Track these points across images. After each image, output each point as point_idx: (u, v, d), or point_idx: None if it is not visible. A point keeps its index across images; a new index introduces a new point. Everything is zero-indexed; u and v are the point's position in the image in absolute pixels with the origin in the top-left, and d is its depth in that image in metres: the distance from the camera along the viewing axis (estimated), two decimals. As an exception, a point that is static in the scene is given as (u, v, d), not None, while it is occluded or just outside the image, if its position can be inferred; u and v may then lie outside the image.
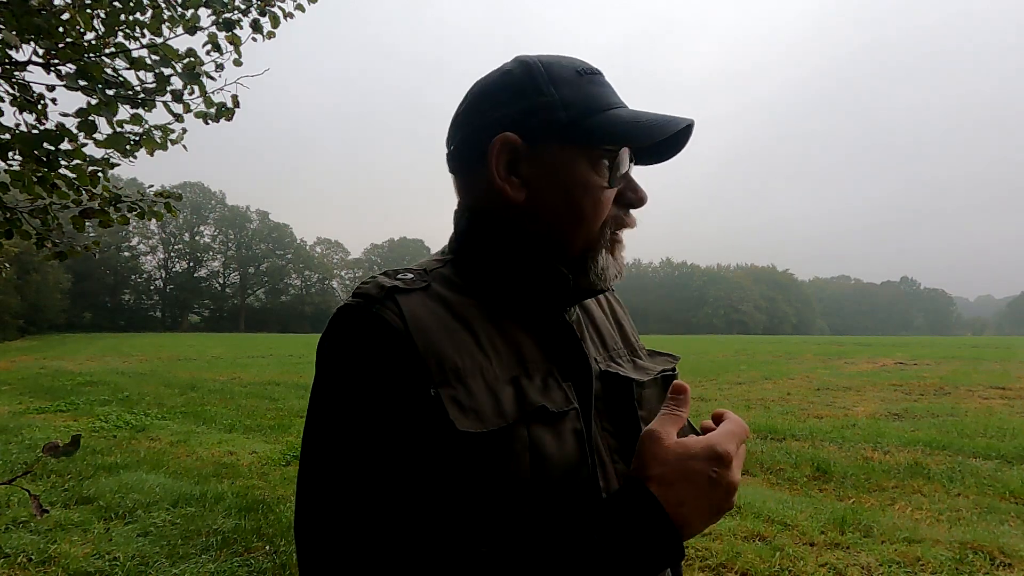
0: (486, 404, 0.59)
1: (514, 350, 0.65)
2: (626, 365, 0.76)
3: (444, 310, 0.64)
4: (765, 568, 3.07)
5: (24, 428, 6.64)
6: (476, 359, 0.62)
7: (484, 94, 0.70)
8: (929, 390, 10.27)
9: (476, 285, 0.69)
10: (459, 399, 0.58)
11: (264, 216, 73.29)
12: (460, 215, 0.74)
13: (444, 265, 0.71)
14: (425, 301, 0.64)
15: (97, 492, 4.21)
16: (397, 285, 0.64)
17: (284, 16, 2.78)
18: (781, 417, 7.61)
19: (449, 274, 0.69)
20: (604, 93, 0.69)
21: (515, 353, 0.65)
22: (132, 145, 2.40)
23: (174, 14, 2.50)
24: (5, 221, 2.40)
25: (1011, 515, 3.89)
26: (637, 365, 0.78)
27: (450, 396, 0.58)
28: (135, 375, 12.74)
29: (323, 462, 0.59)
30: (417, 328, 0.60)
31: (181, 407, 8.46)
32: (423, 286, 0.65)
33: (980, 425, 6.83)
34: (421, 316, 0.62)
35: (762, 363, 16.68)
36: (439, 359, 0.60)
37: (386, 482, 0.56)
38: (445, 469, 0.57)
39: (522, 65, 0.69)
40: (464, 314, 0.65)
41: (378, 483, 0.56)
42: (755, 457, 5.45)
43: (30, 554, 3.18)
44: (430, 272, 0.68)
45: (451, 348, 0.61)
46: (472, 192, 0.72)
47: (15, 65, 2.18)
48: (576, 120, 0.66)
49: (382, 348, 0.59)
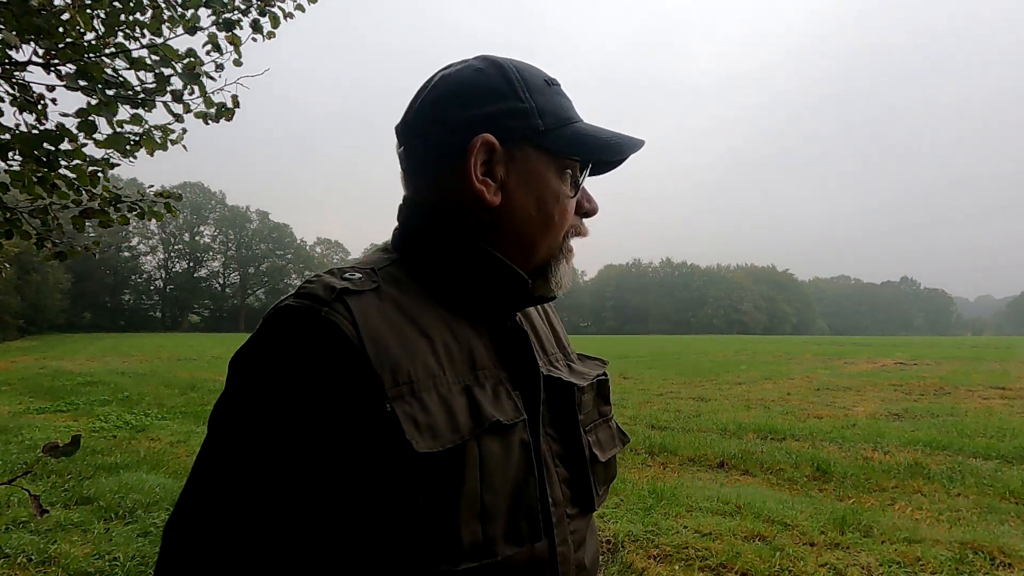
0: (440, 419, 0.56)
1: (467, 356, 0.63)
2: (564, 369, 0.77)
3: (397, 314, 0.60)
4: (765, 568, 3.07)
5: (24, 428, 6.64)
6: (430, 368, 0.59)
7: (457, 91, 0.67)
8: (929, 390, 10.26)
9: (429, 286, 0.66)
10: (415, 416, 0.55)
11: (264, 216, 73.30)
12: (413, 211, 0.70)
13: (392, 263, 0.67)
14: (377, 304, 0.60)
15: (97, 492, 4.20)
16: (347, 286, 0.58)
17: (284, 16, 2.78)
18: (781, 417, 7.61)
19: (398, 273, 0.66)
20: (569, 105, 0.72)
21: (468, 359, 0.63)
22: (132, 145, 2.40)
23: (174, 14, 2.50)
24: (5, 221, 2.40)
25: (1011, 515, 3.89)
26: (573, 370, 0.79)
27: (406, 413, 0.54)
28: (135, 375, 12.73)
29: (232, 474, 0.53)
30: (370, 335, 0.56)
31: (181, 407, 8.45)
32: (373, 287, 0.61)
33: (980, 425, 6.83)
34: (374, 321, 0.57)
35: (762, 363, 16.68)
36: (393, 371, 0.56)
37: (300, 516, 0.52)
38: (390, 491, 0.53)
39: (495, 67, 0.69)
40: (417, 318, 0.62)
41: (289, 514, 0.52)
42: (755, 457, 5.45)
43: (30, 554, 3.18)
44: (379, 271, 0.64)
45: (405, 357, 0.57)
46: (437, 190, 0.68)
47: (15, 65, 2.18)
48: (551, 129, 0.68)
49: (331, 358, 0.54)
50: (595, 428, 0.78)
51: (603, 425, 0.80)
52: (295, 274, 73.93)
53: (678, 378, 12.68)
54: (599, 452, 0.76)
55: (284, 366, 0.54)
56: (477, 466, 0.57)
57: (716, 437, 6.38)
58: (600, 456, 0.76)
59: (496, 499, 0.58)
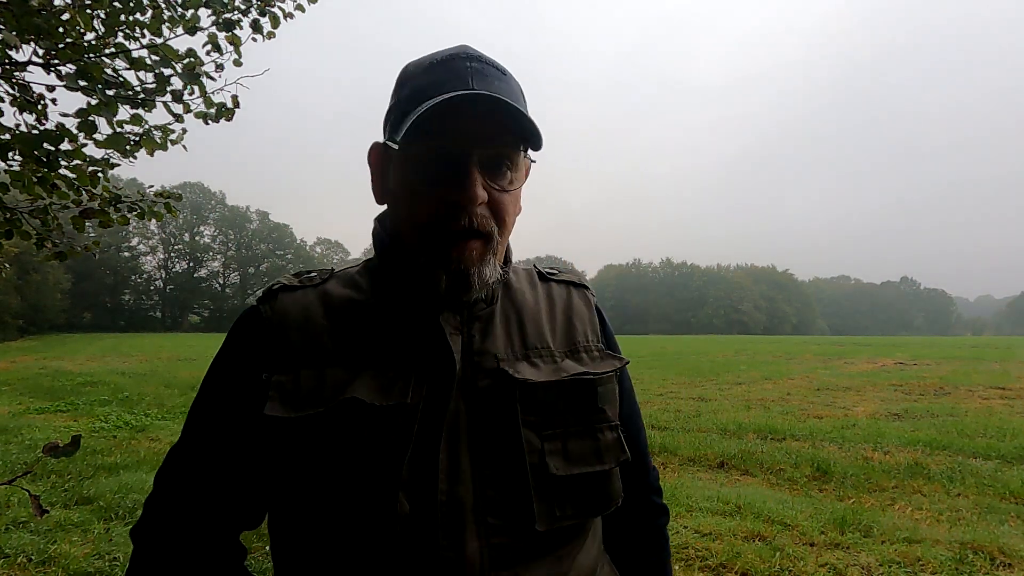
0: (307, 393, 0.65)
1: (376, 346, 0.68)
2: (530, 365, 0.71)
3: (320, 305, 0.71)
4: (765, 568, 3.07)
5: (24, 428, 6.63)
6: (324, 350, 0.68)
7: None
8: (929, 390, 10.26)
9: (375, 284, 0.74)
10: (284, 385, 0.65)
11: (264, 216, 73.23)
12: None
13: (359, 265, 0.78)
14: (303, 298, 0.72)
15: (97, 492, 4.20)
16: (285, 284, 0.73)
17: (284, 16, 2.78)
18: (781, 417, 7.60)
19: (354, 273, 0.76)
20: (429, 81, 0.65)
21: (376, 349, 0.68)
22: (132, 145, 2.40)
23: (174, 14, 2.49)
24: (5, 221, 2.40)
25: (1011, 515, 3.89)
26: (554, 365, 0.73)
27: (277, 381, 0.65)
28: (135, 375, 12.73)
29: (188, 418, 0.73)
30: (278, 321, 0.69)
31: (181, 407, 8.45)
32: (315, 284, 0.74)
33: (980, 425, 6.82)
34: (287, 311, 0.70)
35: (762, 363, 16.67)
36: (285, 348, 0.68)
37: (199, 444, 0.70)
38: (254, 444, 0.67)
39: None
40: (339, 310, 0.71)
41: (194, 443, 0.70)
42: (755, 457, 5.45)
43: (30, 554, 3.18)
44: (337, 272, 0.76)
45: (301, 339, 0.68)
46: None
47: (15, 65, 2.18)
48: (396, 118, 0.67)
49: (244, 338, 0.71)
50: (563, 436, 0.69)
51: (580, 435, 0.71)
52: (295, 274, 73.89)
53: (678, 378, 12.67)
54: (555, 463, 0.67)
55: (228, 340, 0.73)
56: (331, 439, 0.63)
57: (716, 437, 6.37)
58: (555, 468, 0.67)
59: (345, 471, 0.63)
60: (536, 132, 0.65)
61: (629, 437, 0.78)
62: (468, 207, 0.64)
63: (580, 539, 0.73)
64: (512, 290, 0.79)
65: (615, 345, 0.84)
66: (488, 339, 0.72)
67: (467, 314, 0.72)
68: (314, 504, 0.63)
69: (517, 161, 0.69)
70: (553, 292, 0.82)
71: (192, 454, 0.70)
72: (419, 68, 0.68)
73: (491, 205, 0.67)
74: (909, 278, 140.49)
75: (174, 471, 0.70)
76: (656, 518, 0.88)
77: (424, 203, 0.65)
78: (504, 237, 0.70)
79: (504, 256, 0.77)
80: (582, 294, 0.84)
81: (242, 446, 0.68)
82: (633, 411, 0.85)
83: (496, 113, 0.63)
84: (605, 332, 0.83)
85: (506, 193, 0.68)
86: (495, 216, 0.67)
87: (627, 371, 0.85)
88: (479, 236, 0.66)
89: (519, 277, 0.82)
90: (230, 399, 0.69)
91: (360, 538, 0.63)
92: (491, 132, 0.64)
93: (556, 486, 0.67)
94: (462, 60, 0.66)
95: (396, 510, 0.62)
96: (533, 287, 0.81)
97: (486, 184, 0.65)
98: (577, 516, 0.69)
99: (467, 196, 0.63)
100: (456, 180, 0.64)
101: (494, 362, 0.70)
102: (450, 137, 0.63)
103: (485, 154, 0.65)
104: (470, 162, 0.64)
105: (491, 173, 0.66)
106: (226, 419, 0.69)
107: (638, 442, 0.84)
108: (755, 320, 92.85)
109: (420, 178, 0.65)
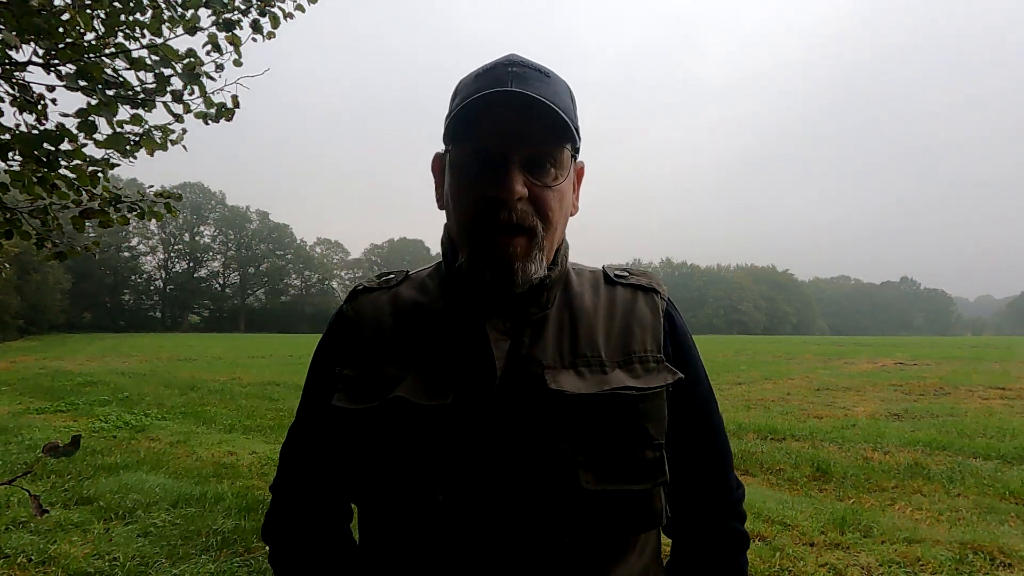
0: (366, 388, 0.71)
1: (427, 347, 0.73)
2: (576, 374, 0.70)
3: (390, 307, 0.78)
4: (765, 568, 3.07)
5: (24, 428, 6.63)
6: (387, 349, 0.74)
7: None
8: (929, 390, 10.26)
9: (439, 287, 0.78)
10: (350, 379, 0.73)
11: (264, 216, 73.24)
12: None
13: (431, 268, 0.83)
14: (377, 299, 0.79)
15: (97, 492, 4.20)
16: (365, 285, 0.82)
17: (284, 16, 2.78)
18: (781, 417, 7.60)
19: (424, 276, 0.81)
20: (473, 88, 0.69)
21: (427, 350, 0.73)
22: (132, 145, 2.40)
23: (174, 14, 2.49)
24: (5, 221, 2.40)
25: (1011, 515, 3.88)
26: (601, 376, 0.70)
27: (345, 375, 0.74)
28: (135, 375, 12.72)
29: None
30: (355, 321, 0.78)
31: (181, 407, 8.45)
32: (390, 286, 0.81)
33: (980, 425, 6.82)
34: (363, 312, 0.78)
35: (762, 363, 16.68)
36: (356, 345, 0.76)
37: (302, 426, 0.82)
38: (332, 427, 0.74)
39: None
40: (405, 311, 0.77)
41: (302, 422, 0.82)
42: (755, 457, 5.44)
43: (30, 554, 3.18)
44: (411, 275, 0.83)
45: (370, 337, 0.75)
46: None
47: (15, 65, 2.18)
48: (446, 129, 0.70)
49: (331, 335, 0.81)
50: (597, 450, 0.67)
51: (615, 451, 0.68)
52: (295, 274, 73.94)
53: (678, 378, 12.64)
54: (586, 477, 0.66)
55: (323, 336, 0.83)
56: (381, 431, 0.70)
57: (716, 437, 6.37)
58: (586, 481, 0.66)
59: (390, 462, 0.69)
60: (569, 128, 0.67)
61: (697, 455, 0.77)
62: (508, 201, 0.66)
63: (619, 555, 0.71)
64: (571, 294, 0.77)
65: (686, 353, 0.79)
66: (537, 345, 0.71)
67: (519, 319, 0.72)
68: (369, 488, 0.71)
69: (560, 158, 0.69)
70: (617, 296, 0.79)
71: (298, 434, 0.82)
72: (468, 78, 0.72)
73: (533, 202, 0.68)
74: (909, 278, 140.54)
75: (289, 447, 0.83)
76: (731, 545, 0.80)
77: (468, 201, 0.69)
78: (550, 234, 0.71)
79: (560, 256, 0.76)
80: (650, 298, 0.79)
81: (326, 430, 0.77)
82: (704, 428, 0.79)
83: (533, 110, 0.65)
84: (674, 339, 0.78)
85: (548, 189, 0.69)
86: (538, 212, 0.68)
87: (704, 383, 0.81)
88: (522, 231, 0.67)
89: (582, 280, 0.80)
90: (317, 388, 0.79)
91: (407, 525, 0.69)
92: (529, 130, 0.66)
93: (586, 500, 0.66)
94: (504, 66, 0.69)
95: (435, 503, 0.66)
96: (595, 291, 0.79)
97: (527, 181, 0.67)
98: (609, 532, 0.68)
99: (506, 191, 0.66)
100: (495, 177, 0.66)
101: (539, 369, 0.69)
102: (490, 137, 0.66)
103: (525, 151, 0.67)
104: (508, 159, 0.66)
105: (532, 170, 0.68)
106: (315, 406, 0.79)
107: (712, 461, 0.80)
108: (755, 320, 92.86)
109: (465, 178, 0.69)
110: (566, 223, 0.76)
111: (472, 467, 0.67)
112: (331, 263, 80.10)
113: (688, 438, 0.77)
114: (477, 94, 0.66)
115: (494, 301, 0.72)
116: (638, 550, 0.74)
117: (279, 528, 0.82)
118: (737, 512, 0.82)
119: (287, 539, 0.81)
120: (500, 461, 0.67)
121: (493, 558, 0.67)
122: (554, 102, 0.66)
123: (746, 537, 0.81)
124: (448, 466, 0.67)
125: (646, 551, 0.76)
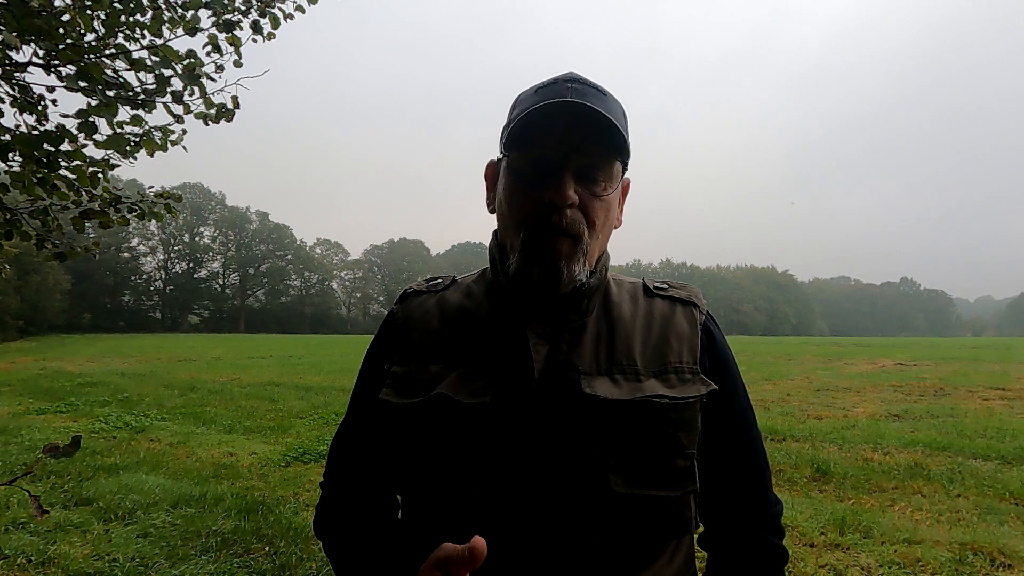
0: (412, 384, 0.75)
1: (475, 348, 0.76)
2: (611, 381, 0.72)
3: (437, 309, 0.82)
4: (765, 569, 3.07)
5: (24, 429, 6.63)
6: (433, 348, 0.78)
7: None
8: (929, 391, 10.27)
9: (484, 291, 0.82)
10: (398, 375, 0.77)
11: (264, 217, 73.24)
12: None
13: (477, 273, 0.87)
14: (426, 301, 0.84)
15: (97, 493, 4.20)
16: (415, 288, 0.87)
17: (284, 17, 2.78)
18: (781, 418, 7.60)
19: (471, 281, 0.86)
20: (533, 100, 0.72)
21: (471, 350, 0.76)
22: (132, 146, 2.40)
23: (174, 15, 2.50)
24: (5, 222, 2.40)
25: (1011, 516, 3.89)
26: (635, 384, 0.72)
27: (393, 372, 0.78)
28: (135, 376, 12.72)
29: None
30: (404, 322, 0.82)
31: (181, 408, 8.44)
32: (438, 289, 0.85)
33: (980, 426, 6.83)
34: (412, 313, 0.83)
35: (762, 364, 16.67)
36: (404, 344, 0.80)
37: (354, 417, 0.85)
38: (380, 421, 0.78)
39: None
40: (451, 314, 0.80)
41: (352, 417, 0.85)
42: (755, 458, 5.44)
43: (30, 555, 3.18)
44: (458, 279, 0.87)
45: (418, 337, 0.79)
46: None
47: (15, 66, 2.18)
48: (504, 136, 0.74)
49: (382, 334, 0.85)
50: (629, 454, 0.69)
51: (647, 457, 0.70)
52: (295, 275, 73.90)
53: (678, 379, 12.64)
54: (616, 480, 0.68)
55: (376, 333, 0.87)
56: (425, 425, 0.73)
57: (716, 438, 6.37)
58: (616, 484, 0.68)
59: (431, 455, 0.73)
60: (624, 144, 0.71)
61: (735, 468, 0.79)
62: (560, 205, 0.69)
63: (648, 560, 0.72)
64: (610, 304, 0.80)
65: (724, 366, 0.80)
66: (575, 351, 0.74)
67: (559, 325, 0.75)
68: (410, 477, 0.74)
69: (610, 171, 0.73)
70: (655, 308, 0.80)
71: (348, 428, 0.86)
72: (528, 91, 0.75)
73: (582, 209, 0.72)
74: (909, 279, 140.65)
75: (339, 442, 0.87)
76: (770, 560, 0.80)
77: (522, 203, 0.72)
78: (594, 241, 0.74)
79: (601, 265, 0.78)
80: (688, 311, 0.81)
81: (374, 424, 0.81)
82: (741, 441, 0.81)
83: (589, 123, 0.69)
84: (711, 353, 0.79)
85: (597, 199, 0.72)
86: (586, 220, 0.72)
87: (743, 398, 0.83)
88: (569, 235, 0.71)
89: (621, 291, 0.83)
90: (367, 384, 0.83)
91: (444, 515, 0.72)
92: (584, 141, 0.70)
93: (615, 503, 0.68)
94: (564, 82, 0.73)
95: (471, 495, 0.69)
96: (634, 302, 0.81)
97: (578, 189, 0.71)
98: (637, 536, 0.70)
99: (560, 196, 0.69)
100: (550, 182, 0.70)
101: (575, 374, 0.72)
102: (548, 145, 0.70)
103: (579, 160, 0.70)
104: (564, 167, 0.70)
105: (584, 179, 0.71)
106: (365, 401, 0.83)
107: (750, 474, 0.81)
108: (755, 321, 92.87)
109: (521, 183, 0.72)
110: (609, 234, 0.79)
111: (507, 464, 0.70)
112: (331, 264, 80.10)
113: (726, 451, 0.79)
114: (536, 105, 0.69)
115: (536, 307, 0.75)
116: (667, 557, 0.75)
117: (331, 520, 0.84)
118: (775, 527, 0.82)
119: (340, 530, 0.83)
120: (534, 459, 0.69)
121: (524, 551, 0.69)
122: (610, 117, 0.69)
123: (785, 552, 0.81)
124: (485, 461, 0.70)
125: (676, 559, 0.76)
